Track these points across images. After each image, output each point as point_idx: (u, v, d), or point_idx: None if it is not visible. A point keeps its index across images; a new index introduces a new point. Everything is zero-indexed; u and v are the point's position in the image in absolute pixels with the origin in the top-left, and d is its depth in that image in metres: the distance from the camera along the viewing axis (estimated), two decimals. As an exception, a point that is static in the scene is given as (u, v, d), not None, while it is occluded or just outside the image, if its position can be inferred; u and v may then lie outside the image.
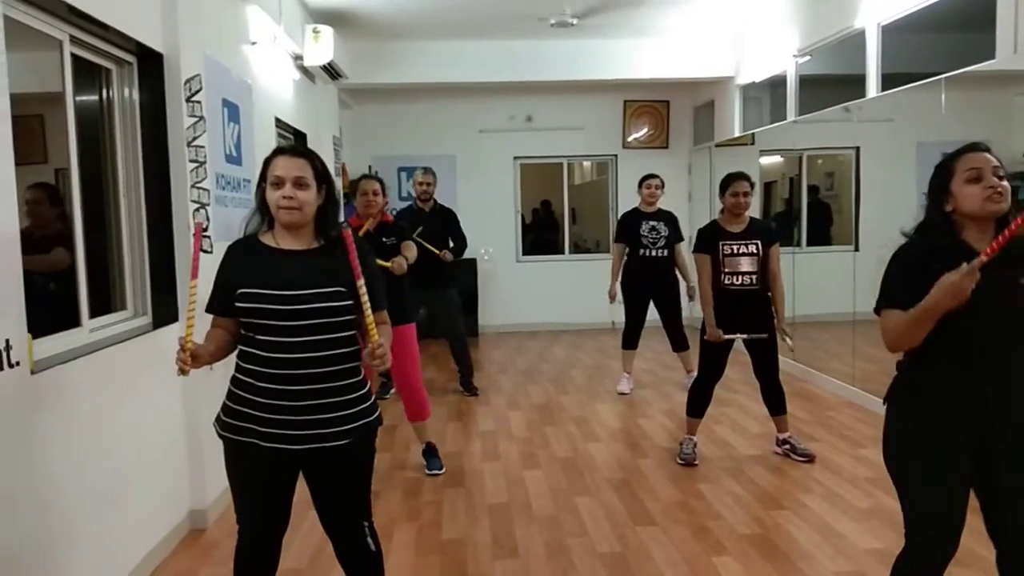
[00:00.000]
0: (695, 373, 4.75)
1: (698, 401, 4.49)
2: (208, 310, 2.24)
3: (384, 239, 4.28)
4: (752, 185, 4.39)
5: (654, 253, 5.96)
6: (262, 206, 2.23)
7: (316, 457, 2.20)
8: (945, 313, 1.93)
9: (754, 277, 4.29)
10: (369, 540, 2.32)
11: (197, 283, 2.13)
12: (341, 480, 2.26)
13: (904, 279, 2.07)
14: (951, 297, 1.88)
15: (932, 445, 2.10)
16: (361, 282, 2.06)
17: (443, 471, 4.38)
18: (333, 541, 2.34)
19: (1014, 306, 2.02)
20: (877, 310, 2.13)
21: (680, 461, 4.42)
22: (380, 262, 3.13)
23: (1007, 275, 1.99)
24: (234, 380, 2.23)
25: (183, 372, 2.07)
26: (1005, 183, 2.03)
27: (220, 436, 2.25)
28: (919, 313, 1.96)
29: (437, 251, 5.64)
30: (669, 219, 6.04)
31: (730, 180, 4.38)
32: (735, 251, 4.30)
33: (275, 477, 2.24)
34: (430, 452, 4.45)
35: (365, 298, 2.06)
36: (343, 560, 2.37)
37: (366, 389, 2.28)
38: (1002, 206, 2.03)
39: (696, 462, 4.41)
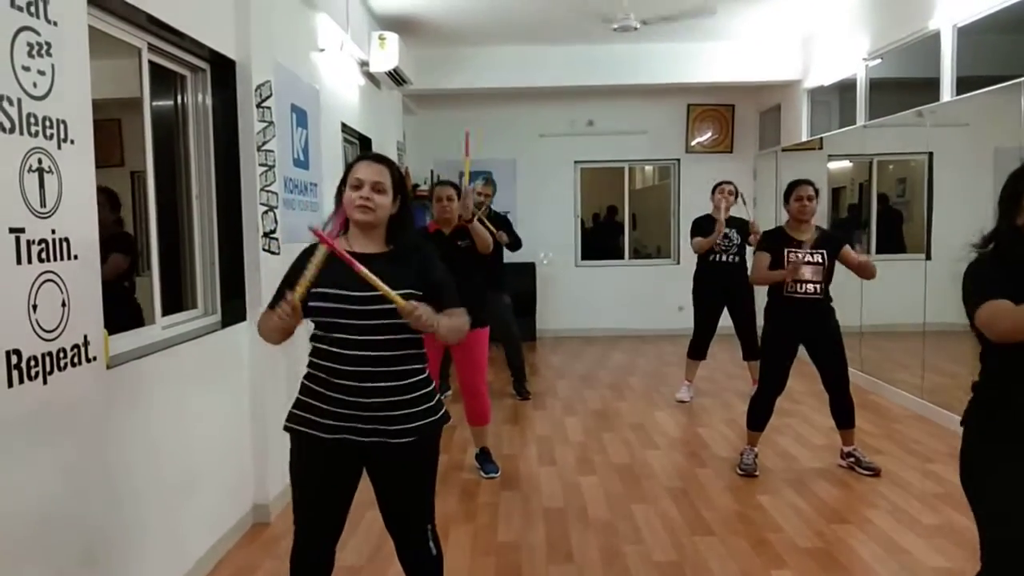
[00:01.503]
0: None
1: (759, 414, 4.38)
2: (270, 304, 2.29)
3: (459, 242, 4.25)
4: (817, 191, 4.30)
5: (725, 259, 5.86)
6: (340, 208, 2.32)
7: (380, 453, 2.24)
8: None
9: (817, 287, 4.19)
10: (431, 544, 2.35)
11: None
12: (404, 479, 2.30)
13: (992, 277, 1.93)
14: None
15: (1011, 468, 2.00)
16: (363, 269, 2.09)
17: (499, 474, 4.40)
18: (395, 542, 2.37)
19: None
20: (972, 313, 1.97)
21: (740, 472, 4.35)
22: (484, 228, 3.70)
23: None
24: (307, 375, 2.30)
25: (280, 317, 2.14)
26: None
27: (287, 429, 2.32)
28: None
29: (495, 232, 5.74)
30: (742, 226, 5.90)
31: (794, 186, 4.30)
32: (799, 258, 4.21)
33: (336, 473, 2.28)
34: (484, 456, 4.47)
35: (374, 280, 2.09)
36: (404, 562, 2.39)
37: (431, 388, 2.33)
38: None
39: (756, 473, 4.33)
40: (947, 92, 5.56)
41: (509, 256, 6.42)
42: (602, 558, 3.35)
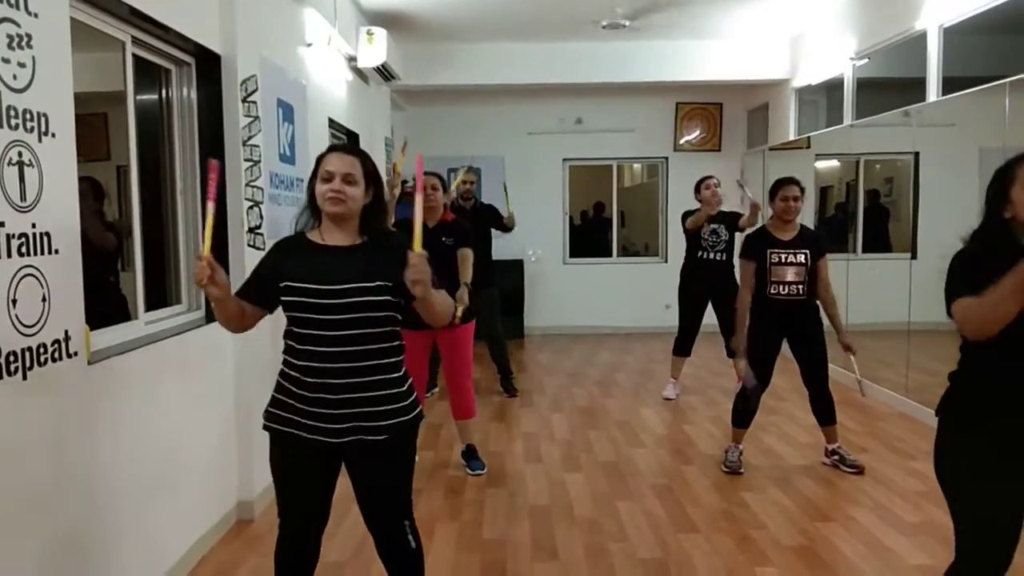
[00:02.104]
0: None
1: (744, 411, 4.40)
2: (236, 292, 2.27)
3: (444, 238, 4.18)
4: (803, 190, 4.30)
5: (712, 256, 5.82)
6: (311, 201, 2.28)
7: (356, 451, 2.23)
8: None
9: (800, 287, 4.20)
10: (410, 538, 2.34)
11: (214, 206, 2.12)
12: (380, 475, 2.29)
13: (972, 272, 1.93)
14: None
15: (984, 459, 2.03)
16: (419, 199, 2.07)
17: (485, 471, 4.40)
18: (374, 537, 2.37)
19: None
20: (949, 309, 1.98)
21: (725, 469, 4.37)
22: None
23: None
24: (281, 373, 2.28)
25: (199, 282, 2.09)
26: None
27: (266, 428, 2.30)
28: (1011, 284, 1.79)
29: (508, 212, 6.15)
30: (732, 221, 5.86)
31: (780, 185, 4.30)
32: (783, 260, 4.21)
33: (316, 470, 2.28)
34: (470, 453, 4.47)
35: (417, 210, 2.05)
36: (384, 557, 2.39)
37: (406, 387, 2.30)
38: None
39: (741, 470, 4.34)
40: (933, 92, 5.59)
41: (497, 253, 6.43)
42: (587, 555, 3.35)
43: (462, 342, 4.29)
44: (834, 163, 7.64)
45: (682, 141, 9.48)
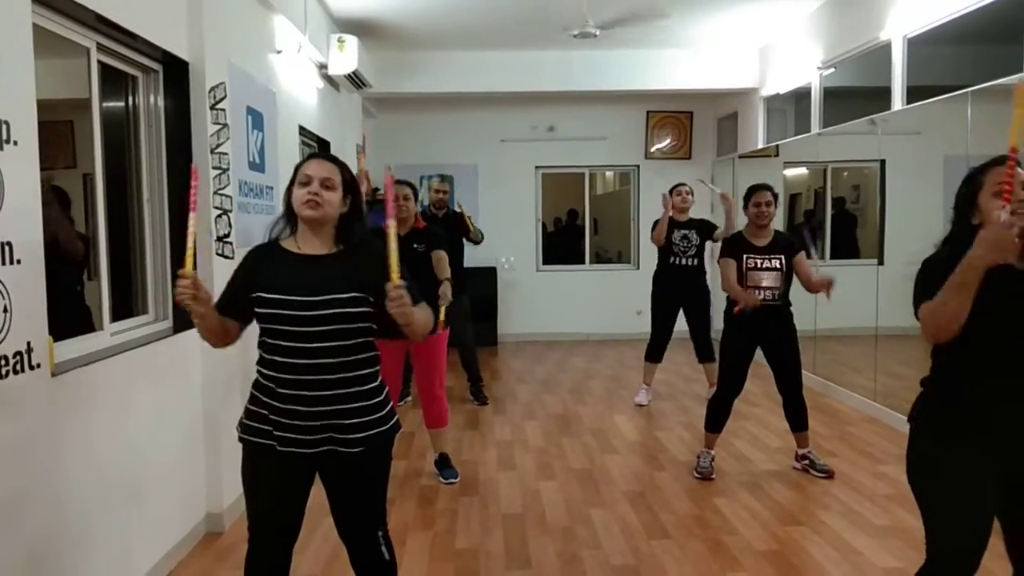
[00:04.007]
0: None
1: (717, 415, 4.43)
2: (216, 306, 2.22)
3: (415, 245, 4.17)
4: (776, 195, 4.36)
5: (683, 262, 5.88)
6: (288, 209, 2.26)
7: (330, 462, 2.21)
8: (973, 315, 1.86)
9: (775, 293, 4.24)
10: (383, 549, 2.32)
11: (195, 218, 2.09)
12: (355, 487, 2.26)
13: (935, 278, 1.96)
14: (992, 249, 1.80)
15: (956, 464, 2.05)
16: (391, 223, 2.05)
17: (458, 479, 4.38)
18: (348, 548, 2.34)
19: None
20: (916, 313, 2.03)
21: (697, 475, 4.39)
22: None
23: None
24: (255, 383, 2.25)
25: (182, 302, 2.05)
26: None
27: (240, 440, 2.27)
28: (956, 278, 1.85)
29: (471, 228, 5.99)
30: (702, 227, 5.94)
31: (753, 191, 4.35)
32: (758, 265, 4.25)
33: (288, 481, 2.24)
34: (443, 462, 4.45)
35: (393, 245, 2.03)
36: (356, 568, 2.36)
37: (382, 396, 2.28)
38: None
39: (713, 476, 4.37)
40: (898, 101, 5.69)
41: (469, 260, 6.41)
42: (560, 563, 3.35)
43: (435, 350, 4.27)
44: (802, 171, 7.74)
45: (653, 149, 9.55)
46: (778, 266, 4.25)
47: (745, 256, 4.27)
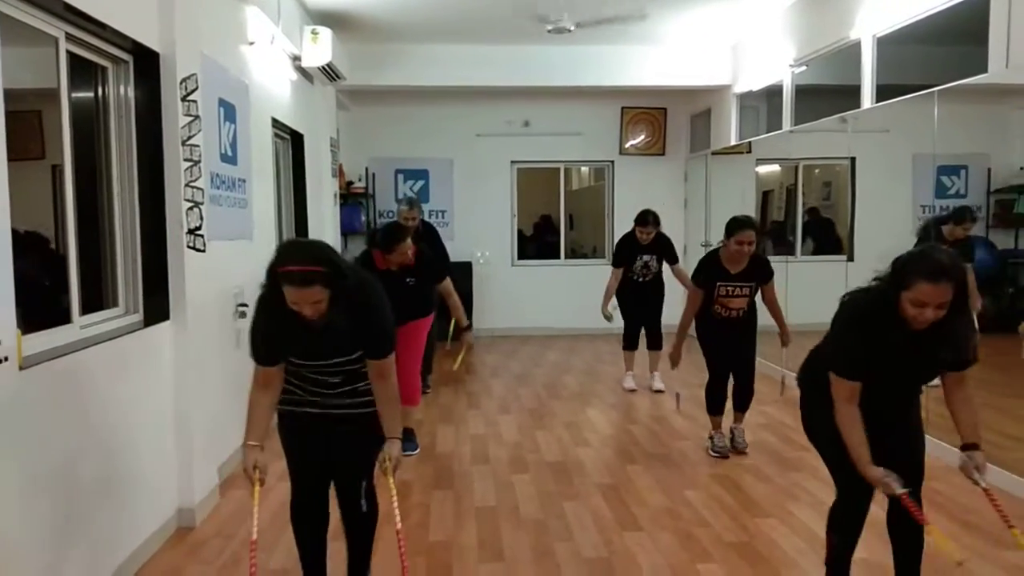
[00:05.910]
0: (658, 374, 5.61)
1: (715, 399, 4.71)
2: (261, 363, 2.57)
3: (408, 279, 4.42)
4: (758, 232, 4.51)
5: (643, 280, 6.29)
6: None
7: (341, 421, 2.69)
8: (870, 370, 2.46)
9: (742, 311, 4.54)
10: (363, 500, 2.74)
11: (260, 492, 2.52)
12: (351, 436, 2.69)
13: (854, 347, 2.49)
14: (868, 478, 2.40)
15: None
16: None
17: (418, 451, 4.63)
18: (337, 494, 2.77)
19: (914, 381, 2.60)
20: (830, 367, 2.54)
21: (714, 454, 4.66)
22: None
23: (920, 356, 2.41)
24: (285, 380, 2.67)
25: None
26: (941, 312, 2.28)
27: (278, 412, 2.71)
28: (849, 447, 2.46)
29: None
30: (663, 250, 6.22)
31: (736, 227, 4.39)
32: (730, 292, 4.51)
33: (315, 433, 2.69)
34: (406, 435, 4.47)
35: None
36: (343, 518, 2.78)
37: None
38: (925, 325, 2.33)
39: (728, 454, 4.63)
40: (868, 99, 5.77)
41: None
42: (533, 556, 3.37)
43: (417, 333, 4.60)
44: (775, 167, 7.82)
45: (627, 145, 9.60)
46: (748, 292, 4.51)
47: (719, 284, 4.48)
